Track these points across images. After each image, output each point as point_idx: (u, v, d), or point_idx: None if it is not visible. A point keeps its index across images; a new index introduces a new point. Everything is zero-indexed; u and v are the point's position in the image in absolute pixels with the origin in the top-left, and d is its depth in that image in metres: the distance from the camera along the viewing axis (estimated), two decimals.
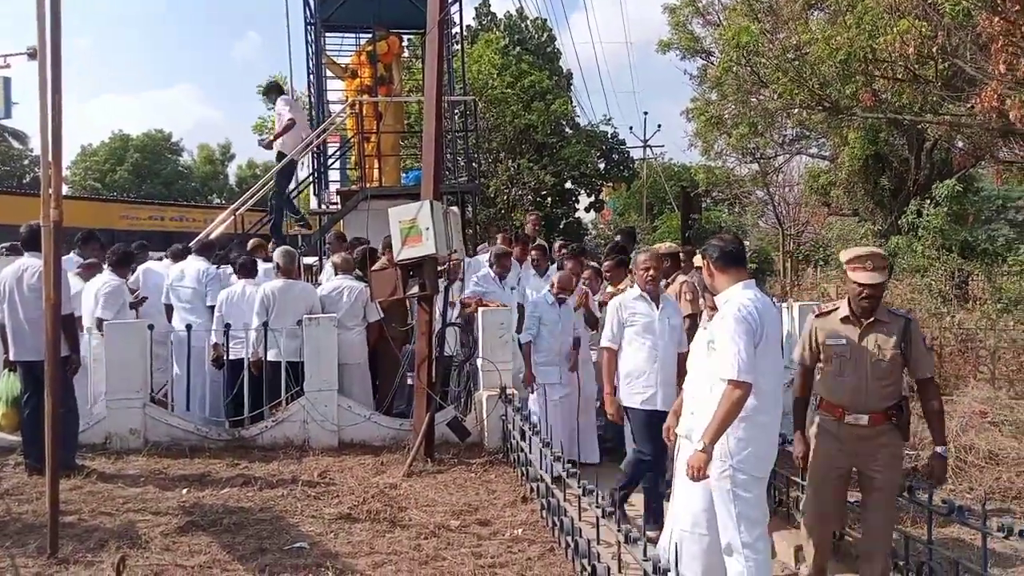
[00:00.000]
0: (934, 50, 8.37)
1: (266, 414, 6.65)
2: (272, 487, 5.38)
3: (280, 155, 9.71)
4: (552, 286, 6.36)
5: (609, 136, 25.06)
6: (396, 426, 6.60)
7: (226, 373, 7.01)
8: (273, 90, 9.85)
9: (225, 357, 6.94)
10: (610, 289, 6.56)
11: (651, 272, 4.99)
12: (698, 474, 3.30)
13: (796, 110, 13.05)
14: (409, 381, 6.64)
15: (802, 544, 4.09)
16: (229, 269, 7.69)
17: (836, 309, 3.88)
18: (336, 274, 7.39)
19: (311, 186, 11.85)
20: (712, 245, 3.64)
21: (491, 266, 7.36)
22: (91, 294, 6.84)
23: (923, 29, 8.48)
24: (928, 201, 12.78)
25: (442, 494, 5.27)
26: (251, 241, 8.76)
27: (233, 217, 10.10)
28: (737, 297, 3.46)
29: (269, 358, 6.77)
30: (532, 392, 6.32)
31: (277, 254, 7.19)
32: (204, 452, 6.23)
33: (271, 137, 10.14)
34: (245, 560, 4.13)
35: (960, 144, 13.22)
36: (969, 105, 9.17)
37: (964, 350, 8.59)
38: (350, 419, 6.56)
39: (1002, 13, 7.31)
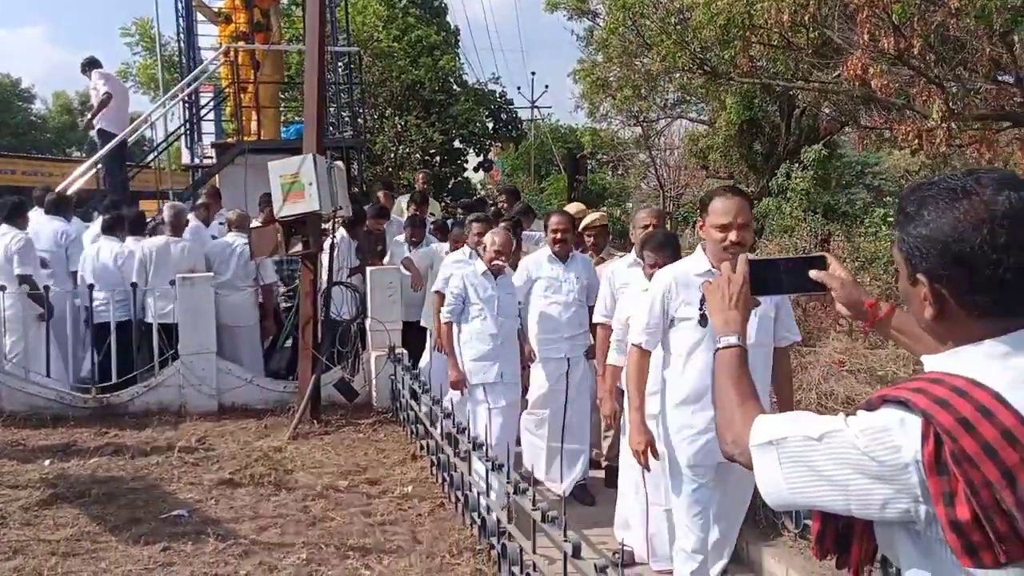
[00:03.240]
0: (806, 18, 8.73)
1: (139, 379, 6.30)
2: (146, 455, 5.12)
3: (102, 132, 9.00)
4: (489, 252, 4.66)
5: (497, 95, 24.92)
6: (280, 389, 6.42)
7: (92, 337, 6.57)
8: (89, 66, 9.18)
9: (90, 320, 6.50)
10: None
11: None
12: None
13: (678, 74, 13.37)
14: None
15: None
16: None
17: None
18: (229, 231, 7.03)
19: (182, 138, 11.14)
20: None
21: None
22: None
23: None
24: (797, 165, 13.51)
25: (329, 455, 5.18)
26: (202, 199, 8.14)
27: (94, 171, 9.37)
28: None
29: (145, 320, 6.42)
30: (461, 394, 4.71)
31: (166, 209, 6.82)
32: (68, 421, 5.85)
33: (89, 117, 9.48)
34: (118, 531, 3.91)
35: (827, 111, 13.97)
36: (836, 73, 9.68)
37: (825, 304, 9.21)
38: (230, 383, 6.31)
39: None
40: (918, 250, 1.15)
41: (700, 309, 1.47)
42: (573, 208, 6.12)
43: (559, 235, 4.93)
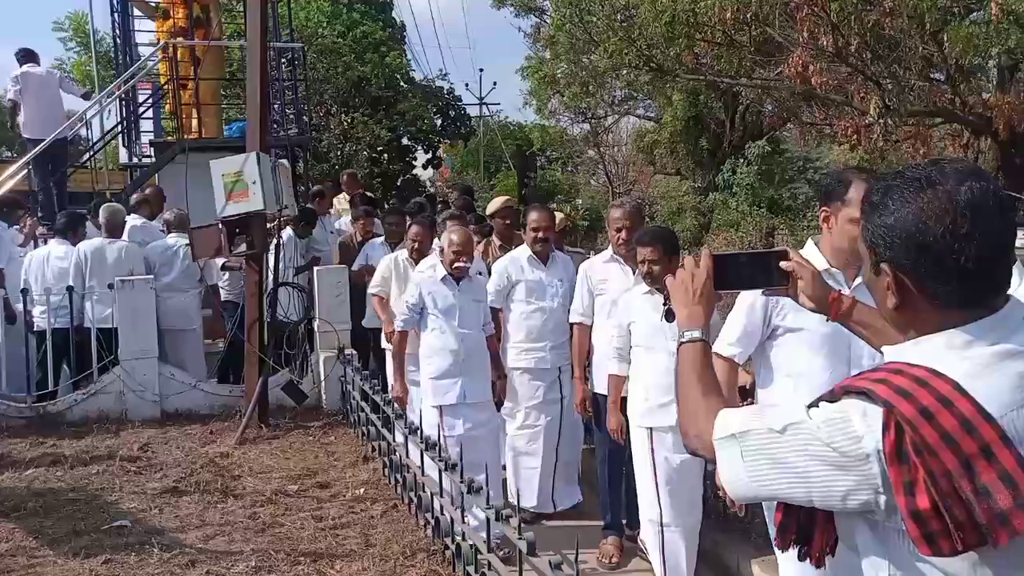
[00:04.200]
0: (749, 16, 8.92)
1: (79, 385, 6.09)
2: (85, 464, 4.93)
3: (28, 140, 8.74)
4: (448, 254, 4.15)
5: (445, 92, 24.78)
6: (226, 393, 6.26)
7: (28, 344, 6.31)
8: (19, 62, 8.85)
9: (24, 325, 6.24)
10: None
11: None
12: None
13: (625, 71, 13.51)
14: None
15: None
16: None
17: None
18: (169, 232, 6.81)
19: (119, 137, 10.78)
20: None
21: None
22: None
23: None
24: (742, 160, 13.79)
25: (279, 460, 5.07)
26: (136, 196, 7.77)
27: (26, 171, 8.98)
28: None
29: (84, 325, 6.19)
30: (420, 410, 4.19)
31: (102, 211, 6.56)
32: (2, 431, 5.60)
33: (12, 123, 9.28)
34: (57, 544, 3.76)
35: (769, 107, 14.27)
36: (778, 70, 9.90)
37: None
38: (174, 388, 6.14)
39: None
40: (882, 239, 1.16)
41: (664, 304, 1.45)
42: (498, 202, 5.57)
43: (540, 233, 4.38)
